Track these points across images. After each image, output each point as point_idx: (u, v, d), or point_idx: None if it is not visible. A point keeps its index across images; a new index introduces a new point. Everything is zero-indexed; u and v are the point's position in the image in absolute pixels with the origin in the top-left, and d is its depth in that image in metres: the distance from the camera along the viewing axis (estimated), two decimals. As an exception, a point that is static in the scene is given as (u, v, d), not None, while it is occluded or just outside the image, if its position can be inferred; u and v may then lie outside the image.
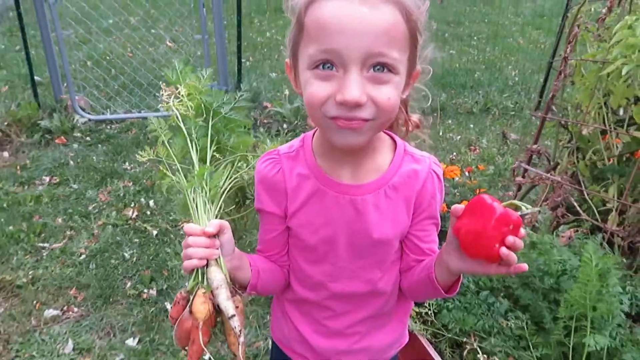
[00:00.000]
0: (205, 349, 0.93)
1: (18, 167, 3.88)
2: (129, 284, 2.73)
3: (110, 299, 2.62)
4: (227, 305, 0.92)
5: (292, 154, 1.05)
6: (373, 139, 0.98)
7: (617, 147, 2.29)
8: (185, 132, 1.09)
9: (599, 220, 2.16)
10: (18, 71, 5.70)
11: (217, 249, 0.95)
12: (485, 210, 0.81)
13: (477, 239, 0.82)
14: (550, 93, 2.41)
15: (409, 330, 1.81)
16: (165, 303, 2.59)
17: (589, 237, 2.01)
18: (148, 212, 3.40)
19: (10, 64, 5.94)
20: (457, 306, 1.82)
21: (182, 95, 1.11)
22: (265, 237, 1.12)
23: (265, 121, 4.83)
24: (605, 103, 2.23)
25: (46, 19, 4.32)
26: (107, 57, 5.75)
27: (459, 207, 0.85)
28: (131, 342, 2.36)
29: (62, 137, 4.34)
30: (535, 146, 2.46)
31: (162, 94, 1.13)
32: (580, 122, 2.31)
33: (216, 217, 1.01)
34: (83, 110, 4.69)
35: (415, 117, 1.14)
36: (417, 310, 1.88)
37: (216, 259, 0.95)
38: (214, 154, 1.13)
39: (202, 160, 1.09)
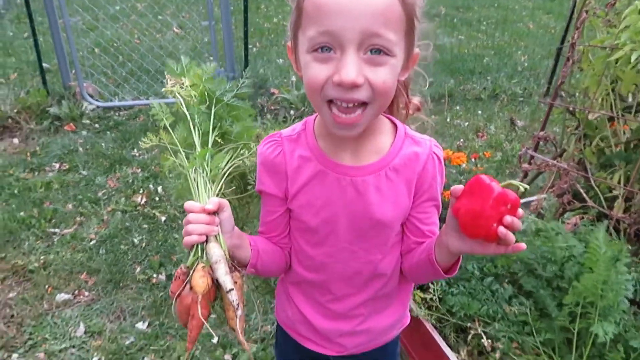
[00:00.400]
0: (205, 322, 0.95)
1: (28, 154, 3.92)
2: (138, 269, 2.77)
3: (120, 284, 2.67)
4: (226, 279, 0.94)
5: (293, 136, 1.07)
6: (373, 122, 0.99)
7: (624, 133, 2.28)
8: (189, 118, 1.12)
9: (605, 207, 2.16)
10: (26, 58, 5.72)
11: (217, 225, 0.97)
12: (484, 190, 0.82)
13: (475, 219, 0.83)
14: (558, 79, 2.39)
15: (414, 316, 1.84)
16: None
17: (594, 224, 2.02)
18: (156, 199, 3.44)
19: (18, 51, 5.97)
20: (462, 292, 1.83)
21: (186, 85, 1.13)
22: (266, 218, 1.14)
23: (272, 107, 4.83)
24: (613, 89, 2.21)
25: (53, 5, 4.32)
26: (115, 44, 5.76)
27: (458, 188, 0.86)
28: (141, 325, 2.41)
29: (71, 124, 4.38)
30: (542, 133, 2.45)
31: (167, 83, 1.15)
32: (588, 108, 2.30)
33: (216, 197, 1.04)
34: (91, 97, 4.71)
35: (416, 100, 1.16)
36: (422, 295, 1.90)
37: (215, 236, 0.97)
38: (217, 139, 1.16)
39: (204, 145, 1.12)
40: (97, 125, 4.48)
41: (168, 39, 5.85)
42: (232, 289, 0.93)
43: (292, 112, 4.78)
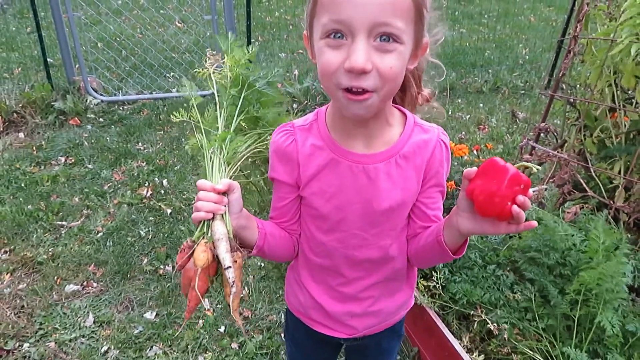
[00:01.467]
0: (198, 294, 1.00)
1: (34, 148, 3.96)
2: (145, 261, 2.81)
3: (128, 275, 2.71)
4: (225, 257, 0.98)
5: (306, 126, 1.11)
6: (384, 113, 1.03)
7: (625, 125, 2.31)
8: (217, 99, 1.16)
9: (606, 197, 2.20)
10: (30, 53, 5.75)
11: (224, 205, 1.01)
12: (499, 171, 0.86)
13: (491, 197, 0.86)
14: (559, 72, 2.42)
15: (417, 303, 1.88)
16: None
17: (594, 214, 2.05)
18: (162, 191, 3.48)
19: (22, 46, 5.99)
20: (465, 279, 1.87)
21: (227, 66, 1.17)
22: (277, 204, 1.18)
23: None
24: (614, 81, 2.24)
25: (57, 0, 4.34)
26: (118, 39, 5.78)
27: (471, 170, 0.90)
28: (149, 315, 2.45)
29: (76, 118, 4.41)
30: (543, 124, 2.48)
31: (206, 61, 1.19)
32: (589, 100, 2.32)
33: (231, 179, 1.07)
34: (95, 91, 4.74)
35: (426, 92, 1.19)
36: (425, 283, 1.94)
37: (222, 215, 1.01)
38: (242, 123, 1.20)
39: (228, 127, 1.15)
40: (101, 119, 4.51)
41: (171, 33, 5.87)
42: (230, 267, 0.98)
43: (295, 105, 4.81)
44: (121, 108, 4.73)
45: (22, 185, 3.45)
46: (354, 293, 1.21)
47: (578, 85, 2.64)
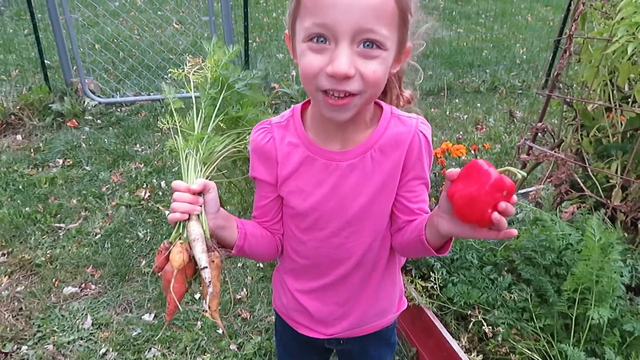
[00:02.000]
0: (173, 295, 1.00)
1: (32, 150, 3.96)
2: (143, 262, 2.81)
3: (126, 277, 2.71)
4: (201, 257, 0.98)
5: (282, 123, 1.11)
6: (363, 114, 1.03)
7: (621, 124, 2.31)
8: (193, 99, 1.16)
9: (603, 196, 2.20)
10: (27, 55, 5.74)
11: (200, 205, 1.01)
12: (481, 176, 0.82)
13: (470, 203, 0.83)
14: (556, 71, 2.42)
15: (415, 304, 1.88)
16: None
17: (591, 213, 2.05)
18: (160, 193, 3.48)
19: (19, 48, 5.98)
20: (462, 280, 1.88)
21: (207, 67, 1.18)
22: (258, 203, 1.18)
23: (273, 102, 4.87)
24: (610, 80, 2.24)
25: (54, 2, 4.34)
26: (115, 40, 5.78)
27: (453, 171, 0.87)
28: (147, 317, 2.45)
29: (74, 120, 4.41)
30: (540, 124, 2.48)
31: (187, 64, 1.20)
32: (586, 99, 2.33)
33: (208, 179, 1.07)
34: (93, 93, 4.74)
35: (407, 93, 1.18)
36: (423, 284, 1.94)
37: (198, 215, 1.01)
38: (221, 124, 1.20)
39: (205, 128, 1.16)
40: (99, 121, 4.51)
41: (168, 35, 5.87)
42: (206, 267, 0.98)
43: (292, 105, 4.80)
44: (119, 110, 4.73)
45: (20, 187, 3.45)
46: (335, 294, 1.21)
47: (575, 85, 2.64)
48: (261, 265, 2.81)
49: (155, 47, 5.28)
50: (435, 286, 1.92)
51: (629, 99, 2.27)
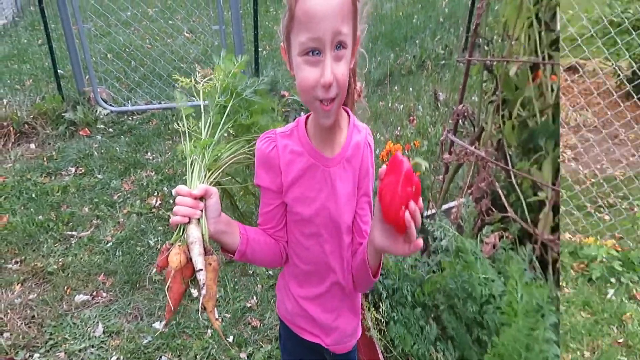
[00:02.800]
0: (167, 295, 1.03)
1: (45, 159, 4.00)
2: (154, 270, 2.82)
3: (137, 285, 2.72)
4: (198, 260, 1.01)
5: (287, 132, 1.14)
6: (339, 117, 1.08)
7: (551, 89, 1.76)
8: (202, 107, 1.21)
9: (529, 220, 1.76)
10: (41, 65, 5.82)
11: (200, 210, 1.03)
12: (397, 166, 0.82)
13: (390, 195, 0.83)
14: (474, 21, 2.04)
15: (368, 335, 1.84)
16: (190, 289, 2.67)
17: (516, 247, 1.75)
18: (171, 201, 3.49)
19: (33, 58, 6.07)
20: (400, 320, 1.79)
21: (216, 77, 1.22)
22: (262, 210, 1.21)
23: (282, 110, 4.88)
24: (536, 15, 1.78)
25: (67, 12, 4.40)
26: (127, 49, 5.84)
27: (382, 169, 0.88)
28: (158, 325, 2.46)
29: (86, 129, 4.45)
30: (460, 106, 2.20)
31: (197, 74, 1.25)
32: (507, 58, 1.90)
33: (212, 185, 1.10)
34: (105, 102, 4.78)
35: (359, 85, 1.21)
36: (375, 315, 1.87)
37: (198, 219, 1.04)
38: (231, 131, 1.24)
39: (213, 135, 1.19)
40: (111, 129, 4.55)
41: (179, 44, 5.92)
42: (202, 269, 1.01)
43: (302, 113, 4.80)
44: (130, 118, 4.76)
45: (33, 195, 3.48)
46: (333, 300, 1.24)
47: (496, 37, 2.16)
48: (271, 273, 2.80)
49: (167, 56, 5.33)
50: (381, 320, 1.83)
51: (558, 43, 1.70)
